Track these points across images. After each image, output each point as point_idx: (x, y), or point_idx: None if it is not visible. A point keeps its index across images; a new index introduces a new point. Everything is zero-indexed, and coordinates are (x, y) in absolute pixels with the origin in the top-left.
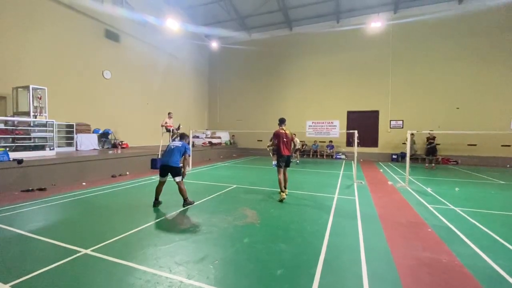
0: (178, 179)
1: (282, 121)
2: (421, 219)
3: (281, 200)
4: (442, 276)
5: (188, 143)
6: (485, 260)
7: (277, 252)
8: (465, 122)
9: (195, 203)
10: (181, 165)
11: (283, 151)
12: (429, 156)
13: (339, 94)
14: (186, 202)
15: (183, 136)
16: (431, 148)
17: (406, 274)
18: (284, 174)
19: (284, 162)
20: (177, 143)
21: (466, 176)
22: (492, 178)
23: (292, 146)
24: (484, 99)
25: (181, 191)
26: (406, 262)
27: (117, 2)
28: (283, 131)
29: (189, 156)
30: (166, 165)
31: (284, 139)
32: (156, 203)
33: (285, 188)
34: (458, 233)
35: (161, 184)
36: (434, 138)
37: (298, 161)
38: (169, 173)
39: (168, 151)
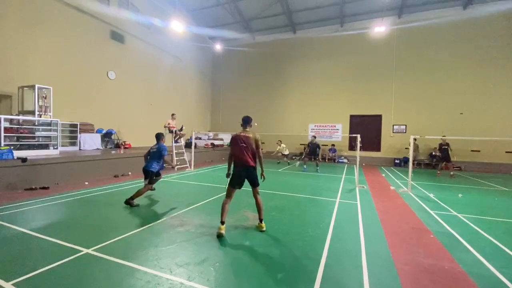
0: (146, 182)
1: (244, 121)
2: (423, 225)
3: (219, 235)
4: (444, 283)
5: (164, 142)
6: (488, 267)
7: (278, 255)
8: (469, 127)
9: (197, 205)
10: (161, 166)
11: (241, 160)
12: (442, 163)
13: (342, 97)
14: (128, 201)
15: (158, 137)
16: (444, 154)
17: (407, 280)
18: (255, 198)
19: (242, 179)
20: (154, 147)
21: (469, 182)
22: (495, 185)
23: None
24: (488, 104)
25: (139, 190)
26: (408, 268)
27: (123, 4)
28: (243, 134)
29: (166, 156)
30: (145, 169)
31: (243, 145)
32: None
33: (261, 222)
34: (461, 239)
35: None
36: (447, 144)
37: (318, 170)
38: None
39: (149, 156)
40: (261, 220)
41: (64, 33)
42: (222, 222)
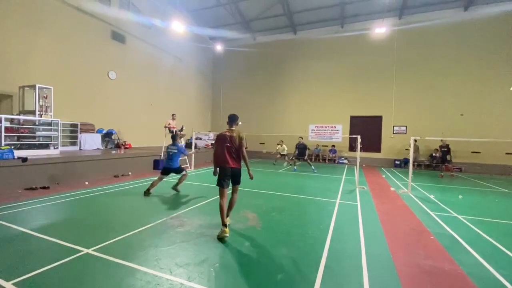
0: (183, 172)
1: (231, 120)
2: (423, 226)
3: (221, 238)
4: (444, 285)
5: (180, 142)
6: (488, 269)
7: (278, 256)
8: (469, 129)
9: (197, 206)
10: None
11: (224, 161)
12: (443, 164)
13: (342, 98)
14: (176, 187)
15: (174, 138)
16: (442, 155)
17: (407, 282)
18: (232, 195)
19: (228, 178)
20: (173, 148)
21: (469, 184)
22: (496, 186)
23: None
24: (489, 106)
25: (181, 179)
26: (408, 270)
27: (124, 5)
28: (228, 134)
29: (187, 154)
30: (169, 168)
31: (227, 144)
32: (147, 193)
33: (227, 217)
34: (461, 241)
35: (159, 179)
36: (447, 146)
37: (315, 170)
38: (171, 173)
39: (169, 157)
40: (227, 215)
41: (65, 33)
42: (224, 225)
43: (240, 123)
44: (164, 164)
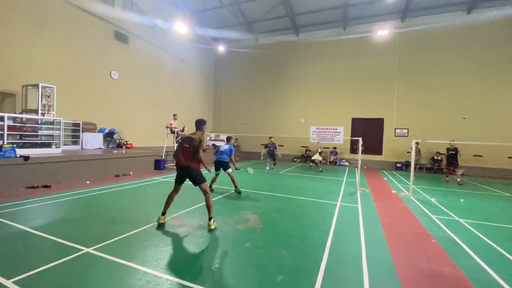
0: (229, 170)
1: (196, 124)
2: (424, 230)
3: (160, 224)
4: None
5: (233, 145)
6: (490, 274)
7: (278, 257)
8: (471, 132)
9: (197, 206)
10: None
11: (179, 160)
12: (450, 167)
13: (344, 100)
14: (236, 190)
15: (228, 139)
16: (451, 159)
17: (408, 285)
18: (205, 197)
19: (179, 175)
20: (225, 146)
21: (471, 188)
22: (498, 190)
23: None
24: (491, 110)
25: (232, 179)
26: (409, 273)
27: (127, 5)
28: (190, 136)
29: (233, 155)
30: (218, 161)
31: (186, 145)
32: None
33: (209, 220)
34: (463, 245)
35: (217, 176)
36: (455, 149)
37: (272, 167)
38: (220, 168)
39: (219, 152)
40: (209, 219)
41: (68, 32)
42: (163, 213)
43: (204, 126)
44: (217, 158)
